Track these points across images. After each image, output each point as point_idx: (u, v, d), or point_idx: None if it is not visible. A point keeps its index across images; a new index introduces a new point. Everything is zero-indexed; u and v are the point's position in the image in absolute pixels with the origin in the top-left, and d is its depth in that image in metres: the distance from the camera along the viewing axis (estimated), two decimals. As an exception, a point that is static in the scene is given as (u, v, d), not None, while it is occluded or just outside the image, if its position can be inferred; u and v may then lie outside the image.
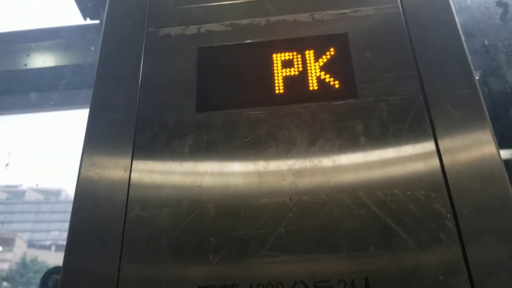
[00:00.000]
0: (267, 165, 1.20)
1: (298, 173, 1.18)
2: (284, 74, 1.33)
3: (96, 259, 1.13)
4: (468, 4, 1.66)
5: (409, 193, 1.11)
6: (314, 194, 1.14)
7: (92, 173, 1.24)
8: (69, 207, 1.21)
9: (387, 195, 1.11)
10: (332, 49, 1.35)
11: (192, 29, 1.45)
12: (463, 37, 1.31)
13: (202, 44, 1.42)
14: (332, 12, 1.42)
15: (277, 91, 1.31)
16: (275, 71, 1.34)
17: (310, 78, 1.32)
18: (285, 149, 1.21)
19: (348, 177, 1.16)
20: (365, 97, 1.26)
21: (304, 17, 1.42)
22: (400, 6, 1.40)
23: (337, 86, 1.29)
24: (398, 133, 1.19)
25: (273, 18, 1.43)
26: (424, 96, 1.23)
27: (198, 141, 1.25)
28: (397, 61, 1.30)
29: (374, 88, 1.27)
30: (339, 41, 1.36)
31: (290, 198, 1.14)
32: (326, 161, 1.18)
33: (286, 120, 1.25)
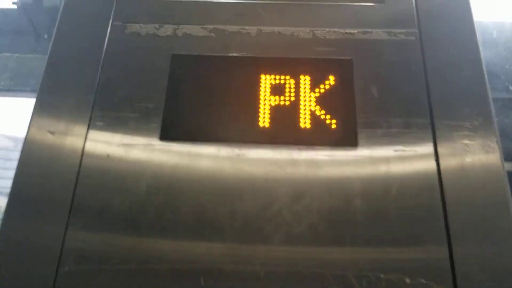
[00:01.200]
0: (239, 222, 0.98)
1: (274, 236, 0.97)
2: (272, 103, 1.10)
3: (40, 224, 0.98)
4: (494, 37, 1.42)
5: (407, 280, 0.91)
6: (290, 267, 0.94)
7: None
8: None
9: (381, 279, 0.92)
10: (332, 78, 1.12)
11: (167, 30, 1.19)
12: (488, 85, 1.10)
13: (177, 51, 1.16)
14: (336, 30, 1.18)
15: (261, 124, 1.08)
16: (262, 98, 1.10)
17: (302, 111, 1.09)
18: (262, 205, 0.99)
19: (335, 250, 0.95)
20: (366, 147, 1.04)
21: (303, 32, 1.18)
22: (417, 32, 1.16)
23: (333, 126, 1.07)
24: (402, 200, 0.98)
25: (267, 29, 1.18)
26: (436, 156, 1.02)
27: (158, 179, 1.02)
28: (408, 103, 1.09)
29: (378, 136, 1.05)
30: (342, 68, 1.13)
31: (262, 269, 0.93)
32: (310, 227, 0.97)
33: (266, 166, 1.03)
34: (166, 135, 1.06)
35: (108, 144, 1.05)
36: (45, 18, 1.63)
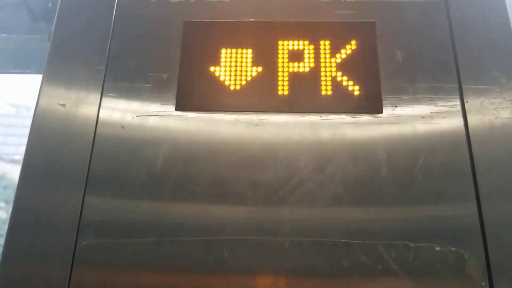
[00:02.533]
0: (261, 192, 0.95)
1: (298, 206, 0.94)
2: (291, 70, 1.05)
3: (56, 194, 0.96)
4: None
5: (437, 248, 0.89)
6: (315, 237, 0.91)
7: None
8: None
9: (410, 248, 0.89)
10: (353, 42, 1.07)
11: (178, -5, 1.13)
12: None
13: (190, 17, 1.11)
14: (357, -9, 1.12)
15: (280, 92, 1.04)
16: (280, 64, 1.06)
17: (323, 78, 1.04)
18: (285, 174, 0.95)
19: (361, 219, 0.92)
20: (391, 114, 1.00)
21: (322, -6, 1.12)
22: (443, -8, 1.10)
23: (356, 92, 1.03)
24: (430, 167, 0.95)
25: (283, -9, 1.13)
26: (465, 121, 0.98)
27: (175, 150, 0.98)
28: (435, 67, 1.04)
29: (404, 102, 1.01)
30: (364, 32, 1.08)
31: (287, 239, 0.91)
32: (335, 196, 0.94)
33: (287, 134, 0.99)
34: (182, 105, 1.02)
35: (122, 115, 1.01)
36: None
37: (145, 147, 0.99)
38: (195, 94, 1.03)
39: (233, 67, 1.06)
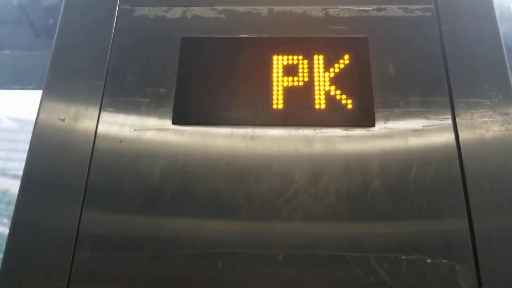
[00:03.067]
0: (256, 205, 0.96)
1: (292, 219, 0.95)
2: (285, 84, 1.07)
3: (54, 208, 0.97)
4: (511, 11, 1.38)
5: (429, 260, 0.90)
6: (309, 249, 0.92)
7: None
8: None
9: (402, 261, 0.90)
10: (346, 57, 1.09)
11: (176, 12, 1.16)
12: (507, 59, 1.06)
13: (187, 33, 1.14)
14: (350, 7, 1.14)
15: (274, 106, 1.06)
16: (275, 79, 1.08)
17: (317, 92, 1.06)
18: (279, 187, 0.97)
19: (354, 231, 0.93)
20: (384, 127, 1.01)
21: (315, 10, 1.14)
22: (434, 8, 1.13)
23: (349, 106, 1.04)
24: (421, 180, 0.96)
25: (278, 8, 1.15)
26: (456, 134, 0.99)
27: (171, 163, 1.00)
28: (426, 81, 1.06)
29: (396, 115, 1.02)
30: (357, 46, 1.10)
31: (280, 252, 0.92)
32: (328, 208, 0.95)
33: (281, 147, 1.01)
34: (178, 119, 1.04)
35: (120, 129, 1.03)
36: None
37: (142, 161, 1.01)
38: (191, 108, 1.05)
39: (229, 81, 1.08)
